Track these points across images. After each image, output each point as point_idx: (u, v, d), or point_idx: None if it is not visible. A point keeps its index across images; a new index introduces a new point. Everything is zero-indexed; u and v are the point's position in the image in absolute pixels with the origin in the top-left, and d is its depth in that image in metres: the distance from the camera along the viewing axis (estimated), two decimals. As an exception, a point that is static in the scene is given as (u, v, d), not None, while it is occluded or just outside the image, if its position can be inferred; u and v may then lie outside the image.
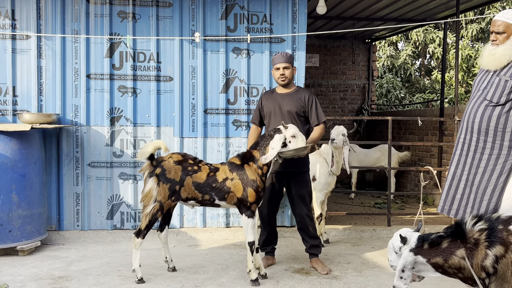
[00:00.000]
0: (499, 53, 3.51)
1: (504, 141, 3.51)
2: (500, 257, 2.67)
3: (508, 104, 3.49)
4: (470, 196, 3.64)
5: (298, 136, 3.92)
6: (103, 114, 5.52)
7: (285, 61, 4.35)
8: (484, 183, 3.56)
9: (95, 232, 5.53)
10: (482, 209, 3.55)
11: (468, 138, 3.68)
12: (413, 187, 8.89)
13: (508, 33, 3.52)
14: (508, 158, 3.50)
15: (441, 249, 2.82)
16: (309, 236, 4.51)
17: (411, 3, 7.64)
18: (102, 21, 5.49)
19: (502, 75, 3.54)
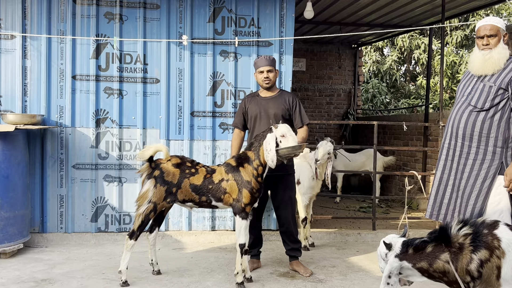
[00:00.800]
0: (495, 57, 3.53)
1: (488, 146, 3.55)
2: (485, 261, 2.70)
3: (492, 110, 3.54)
4: (457, 201, 3.67)
5: (288, 136, 3.91)
6: (88, 115, 5.48)
7: (268, 64, 4.37)
8: (469, 188, 3.60)
9: (79, 234, 5.47)
10: (468, 214, 3.59)
11: (453, 144, 3.72)
12: (397, 191, 8.96)
13: (499, 36, 3.57)
14: (492, 163, 3.54)
15: (425, 253, 2.84)
16: (291, 240, 4.53)
17: (397, 9, 7.73)
18: (89, 22, 5.45)
19: (486, 81, 3.59)
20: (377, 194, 8.22)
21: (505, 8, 13.68)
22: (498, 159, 3.53)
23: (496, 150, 3.53)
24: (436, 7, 7.49)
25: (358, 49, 11.37)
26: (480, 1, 7.16)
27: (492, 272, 2.69)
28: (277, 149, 3.91)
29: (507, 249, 2.72)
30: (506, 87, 3.49)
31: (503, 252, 2.71)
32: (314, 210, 7.12)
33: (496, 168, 3.52)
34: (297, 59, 10.95)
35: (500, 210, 3.50)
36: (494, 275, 2.69)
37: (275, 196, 4.50)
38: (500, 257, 2.70)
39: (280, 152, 3.92)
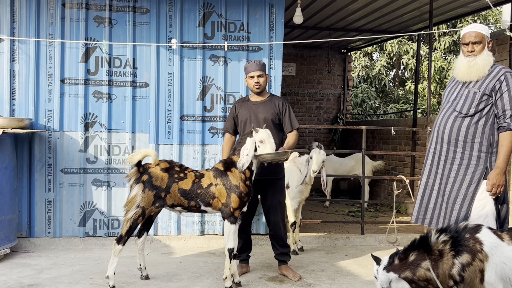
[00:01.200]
0: (480, 63, 3.59)
1: (473, 151, 3.60)
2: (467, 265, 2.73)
3: (476, 115, 3.59)
4: (442, 206, 3.72)
5: (267, 143, 3.94)
6: (77, 119, 5.45)
7: (259, 69, 4.39)
8: (454, 193, 3.64)
9: (67, 239, 5.43)
10: (453, 218, 3.63)
11: (439, 149, 3.77)
12: (386, 195, 9.01)
13: (483, 43, 3.63)
14: (477, 168, 3.58)
15: (408, 263, 2.88)
16: (279, 244, 4.54)
17: (385, 15, 7.80)
18: (78, 25, 5.44)
19: (471, 87, 3.64)
20: (366, 198, 8.26)
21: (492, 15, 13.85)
22: (482, 164, 3.57)
23: (480, 155, 3.58)
24: (424, 14, 7.57)
25: (348, 54, 11.44)
26: (467, 8, 7.25)
27: (475, 275, 2.72)
28: (262, 154, 3.93)
29: (490, 253, 2.75)
30: (490, 93, 3.54)
31: (486, 255, 2.74)
32: (303, 214, 7.14)
33: (481, 173, 3.57)
34: (287, 64, 10.99)
35: (485, 215, 3.54)
36: (478, 278, 2.72)
37: (265, 201, 4.51)
38: (483, 261, 2.73)
39: (264, 157, 3.94)
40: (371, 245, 5.94)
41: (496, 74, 3.56)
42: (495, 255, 2.76)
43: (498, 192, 3.50)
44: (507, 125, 3.51)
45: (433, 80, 14.49)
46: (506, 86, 3.52)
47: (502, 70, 3.58)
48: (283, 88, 10.98)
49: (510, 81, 3.53)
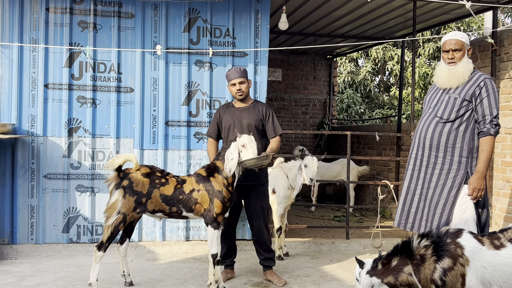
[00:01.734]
0: (460, 70, 3.66)
1: (454, 156, 3.65)
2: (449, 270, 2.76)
3: (457, 121, 3.64)
4: (424, 210, 3.76)
5: (248, 147, 3.96)
6: (60, 124, 5.41)
7: (240, 76, 4.40)
8: (436, 197, 3.69)
9: (50, 245, 5.37)
10: (435, 222, 3.67)
11: (420, 154, 3.81)
12: (371, 200, 9.06)
13: (463, 50, 3.69)
14: (458, 172, 3.63)
15: (391, 268, 2.90)
16: (264, 249, 4.54)
17: (370, 21, 7.86)
18: (62, 30, 5.40)
19: (452, 93, 3.70)
20: (351, 203, 8.30)
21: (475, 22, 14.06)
22: (463, 169, 3.62)
23: (461, 160, 3.63)
24: (408, 20, 7.65)
25: (333, 59, 11.51)
26: (450, 15, 7.34)
27: (457, 280, 2.75)
28: (244, 160, 3.94)
29: (471, 257, 2.78)
30: (470, 99, 3.60)
31: (467, 260, 2.77)
32: (289, 219, 7.15)
33: (462, 177, 3.62)
34: (273, 69, 11.03)
35: (465, 219, 3.58)
36: (459, 283, 2.75)
37: (248, 206, 4.52)
38: (464, 265, 2.76)
39: (246, 163, 3.96)
40: (356, 250, 5.96)
41: (476, 80, 3.63)
42: (476, 260, 2.79)
43: (479, 196, 3.55)
44: (487, 130, 3.57)
45: (417, 86, 14.65)
46: (486, 92, 3.58)
47: (482, 76, 3.64)
48: (269, 94, 11.03)
49: (489, 87, 3.59)
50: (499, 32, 6.25)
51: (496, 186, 6.13)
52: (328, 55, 11.39)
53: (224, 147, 4.11)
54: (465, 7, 5.35)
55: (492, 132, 3.57)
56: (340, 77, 16.17)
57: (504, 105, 6.01)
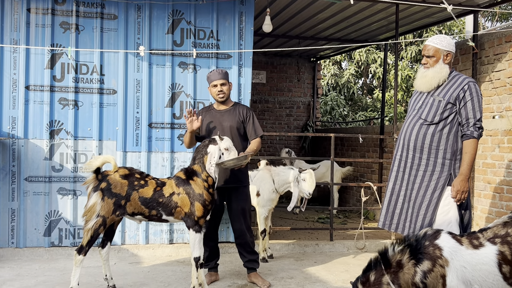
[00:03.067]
0: (430, 75, 3.75)
1: (437, 158, 3.69)
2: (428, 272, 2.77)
3: (441, 123, 3.69)
4: (408, 211, 3.79)
5: (231, 150, 3.98)
6: (42, 126, 5.34)
7: (221, 78, 4.40)
8: (420, 198, 3.72)
9: (31, 249, 5.29)
10: (419, 223, 3.70)
11: (405, 155, 3.85)
12: (355, 202, 9.11)
13: (437, 56, 3.76)
14: (441, 174, 3.68)
15: (371, 284, 2.85)
16: (247, 251, 4.53)
17: (353, 24, 7.92)
18: (44, 31, 5.34)
19: (436, 96, 3.74)
20: (335, 204, 8.34)
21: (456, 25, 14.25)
22: (447, 171, 3.67)
23: (445, 162, 3.67)
24: (391, 23, 7.73)
25: (317, 62, 11.57)
26: (432, 18, 7.43)
27: (437, 281, 2.76)
28: (223, 160, 3.94)
29: (450, 257, 2.80)
30: (454, 102, 3.65)
31: (446, 260, 2.79)
32: (274, 221, 7.15)
33: (445, 179, 3.66)
34: (258, 72, 11.04)
35: (449, 220, 3.62)
36: (440, 284, 2.76)
37: (230, 208, 4.51)
38: (443, 266, 2.78)
39: (226, 164, 3.96)
40: (340, 251, 5.99)
41: (460, 83, 3.68)
42: (455, 260, 2.81)
43: (462, 198, 3.59)
44: (470, 133, 3.61)
45: (400, 89, 14.79)
46: (470, 95, 3.63)
47: (465, 80, 3.69)
48: (253, 96, 11.04)
49: (473, 91, 3.64)
50: (479, 35, 6.34)
51: (478, 187, 6.21)
52: (312, 57, 11.45)
53: (198, 150, 4.08)
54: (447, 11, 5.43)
55: (475, 135, 3.61)
56: (324, 79, 16.26)
57: (485, 108, 6.10)
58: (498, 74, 5.98)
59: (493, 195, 5.90)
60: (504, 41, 5.90)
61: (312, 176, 5.11)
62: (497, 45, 6.01)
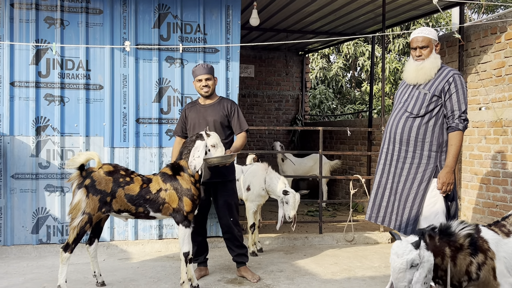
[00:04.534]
0: (427, 66, 3.72)
1: (423, 150, 3.71)
2: (482, 264, 2.77)
3: (427, 116, 3.71)
4: (395, 204, 3.81)
5: (218, 146, 3.96)
6: (28, 123, 5.28)
7: (207, 73, 4.38)
8: (406, 191, 3.74)
9: (19, 247, 5.25)
10: (405, 216, 3.73)
11: (391, 148, 3.87)
12: (344, 195, 9.15)
13: (430, 47, 3.75)
14: (427, 166, 3.70)
15: (436, 245, 2.76)
16: (235, 245, 4.53)
17: (341, 17, 7.92)
18: (28, 26, 5.27)
19: (422, 88, 3.76)
20: (324, 197, 8.37)
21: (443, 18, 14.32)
22: (433, 163, 3.69)
23: (431, 154, 3.70)
24: (378, 16, 7.74)
25: (305, 56, 11.57)
26: (418, 11, 7.45)
27: (489, 274, 2.77)
28: (209, 157, 3.92)
29: (496, 249, 2.81)
30: (440, 94, 3.67)
31: (493, 252, 2.80)
32: (263, 215, 7.16)
33: (431, 171, 3.69)
34: (246, 66, 11.02)
35: (435, 212, 3.65)
36: (491, 276, 2.77)
37: (216, 203, 4.50)
38: (493, 258, 2.79)
39: (211, 161, 3.94)
40: (329, 244, 6.02)
41: (445, 76, 3.69)
42: (499, 251, 2.82)
43: (448, 190, 3.62)
44: (455, 125, 3.64)
45: (388, 81, 14.85)
46: (455, 87, 3.65)
47: (450, 72, 3.71)
48: (242, 90, 11.02)
49: (458, 83, 3.66)
50: (466, 27, 6.38)
51: (465, 178, 6.27)
52: (300, 51, 11.44)
53: (185, 145, 4.06)
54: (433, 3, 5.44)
55: (460, 127, 3.64)
56: (312, 73, 16.27)
57: (471, 99, 6.14)
58: (484, 66, 6.02)
59: (480, 186, 5.96)
60: (490, 33, 5.94)
61: (295, 200, 4.99)
62: (483, 37, 6.05)
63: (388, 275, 4.63)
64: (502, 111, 5.60)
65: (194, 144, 3.95)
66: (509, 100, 5.69)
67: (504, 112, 5.56)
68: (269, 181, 5.24)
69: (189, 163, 3.91)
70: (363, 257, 5.38)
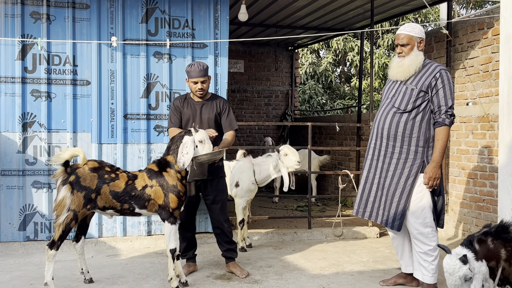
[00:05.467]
0: (406, 64, 3.77)
1: (411, 146, 3.73)
2: None
3: (414, 111, 3.73)
4: (382, 199, 3.83)
5: (206, 142, 3.93)
6: (14, 119, 5.23)
7: (203, 75, 4.30)
8: (393, 186, 3.76)
9: (5, 244, 5.20)
10: (392, 211, 3.75)
11: (379, 144, 3.88)
12: (333, 190, 9.19)
13: (411, 44, 3.78)
14: (414, 162, 3.72)
15: (489, 248, 2.72)
16: (225, 241, 4.53)
17: (330, 12, 7.92)
18: (13, 21, 5.20)
19: (409, 84, 3.78)
20: (313, 193, 8.40)
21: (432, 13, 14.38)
22: (420, 158, 3.72)
23: (418, 149, 3.72)
24: (367, 11, 7.74)
25: (295, 51, 11.57)
26: (407, 6, 7.48)
27: None
28: (198, 155, 3.90)
29: None
30: (427, 89, 3.69)
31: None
32: (252, 210, 7.17)
33: (418, 166, 3.71)
34: (235, 61, 10.99)
35: (422, 207, 3.68)
36: None
37: (206, 200, 4.49)
38: None
39: (200, 159, 3.93)
40: (318, 239, 6.04)
41: (432, 71, 3.72)
42: None
43: (434, 185, 3.65)
44: (442, 120, 3.67)
45: (377, 77, 14.89)
46: (442, 83, 3.67)
47: (437, 67, 3.73)
48: (232, 85, 11.00)
49: (445, 78, 3.68)
50: (453, 23, 6.40)
51: (452, 173, 6.31)
52: (290, 46, 11.43)
53: (172, 139, 4.03)
54: (421, -1, 5.46)
55: (447, 122, 3.67)
56: (302, 68, 16.27)
57: (458, 95, 6.18)
58: (472, 61, 6.06)
59: (467, 180, 6.01)
60: (477, 29, 5.97)
61: (290, 148, 5.19)
62: (471, 33, 6.09)
63: (376, 270, 4.67)
64: (489, 106, 5.64)
65: (182, 140, 3.92)
66: (496, 96, 5.74)
67: (491, 108, 5.61)
68: (259, 169, 5.31)
69: (178, 160, 3.89)
70: (351, 252, 5.41)
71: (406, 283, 4.10)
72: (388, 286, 4.12)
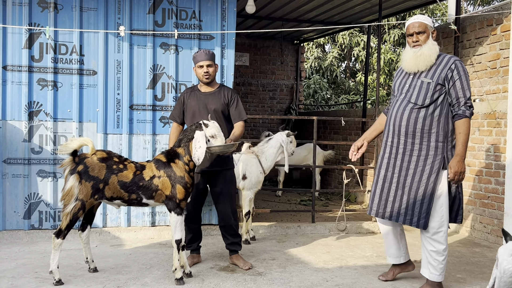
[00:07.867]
0: (426, 53, 3.64)
1: (431, 142, 3.65)
2: None
3: (432, 106, 3.64)
4: (403, 198, 3.73)
5: (218, 137, 3.90)
6: (20, 108, 5.23)
7: (208, 59, 4.32)
8: (415, 184, 3.67)
9: (10, 232, 5.23)
10: (417, 210, 3.66)
11: (396, 141, 3.79)
12: (337, 184, 9.18)
13: (427, 32, 3.69)
14: (436, 158, 3.64)
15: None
16: (230, 234, 4.53)
17: (337, 6, 7.89)
18: (21, 10, 5.20)
19: (423, 78, 3.69)
20: (317, 187, 8.40)
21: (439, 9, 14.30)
22: (440, 154, 3.64)
23: (438, 145, 3.64)
24: (374, 6, 7.71)
25: (300, 45, 11.53)
26: (415, 1, 7.43)
27: None
28: (210, 146, 3.89)
29: None
30: (443, 82, 3.61)
31: None
32: (256, 203, 7.17)
33: (440, 162, 3.63)
34: (241, 54, 10.96)
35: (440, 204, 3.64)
36: None
37: (214, 192, 4.48)
38: None
39: (212, 150, 3.91)
40: (321, 233, 6.04)
41: (447, 63, 3.64)
42: None
43: (461, 179, 3.58)
44: (462, 112, 3.58)
45: (383, 72, 14.84)
46: (458, 74, 3.59)
47: (452, 59, 3.65)
48: (236, 78, 10.98)
49: (461, 69, 3.60)
50: (462, 19, 6.37)
51: (457, 170, 6.29)
52: (295, 40, 11.39)
53: (185, 134, 4.03)
54: (430, -6, 5.41)
55: (467, 114, 3.58)
56: (307, 62, 16.22)
57: (465, 91, 6.14)
58: (479, 57, 6.03)
59: (473, 177, 5.99)
60: (485, 25, 5.94)
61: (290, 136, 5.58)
62: (479, 29, 6.05)
63: (379, 265, 4.67)
64: (496, 103, 5.61)
65: (194, 134, 3.90)
66: (503, 92, 5.71)
67: (498, 104, 5.58)
68: (265, 158, 5.43)
69: (193, 156, 3.87)
70: (355, 246, 5.41)
71: (402, 270, 4.11)
72: (388, 280, 4.12)
